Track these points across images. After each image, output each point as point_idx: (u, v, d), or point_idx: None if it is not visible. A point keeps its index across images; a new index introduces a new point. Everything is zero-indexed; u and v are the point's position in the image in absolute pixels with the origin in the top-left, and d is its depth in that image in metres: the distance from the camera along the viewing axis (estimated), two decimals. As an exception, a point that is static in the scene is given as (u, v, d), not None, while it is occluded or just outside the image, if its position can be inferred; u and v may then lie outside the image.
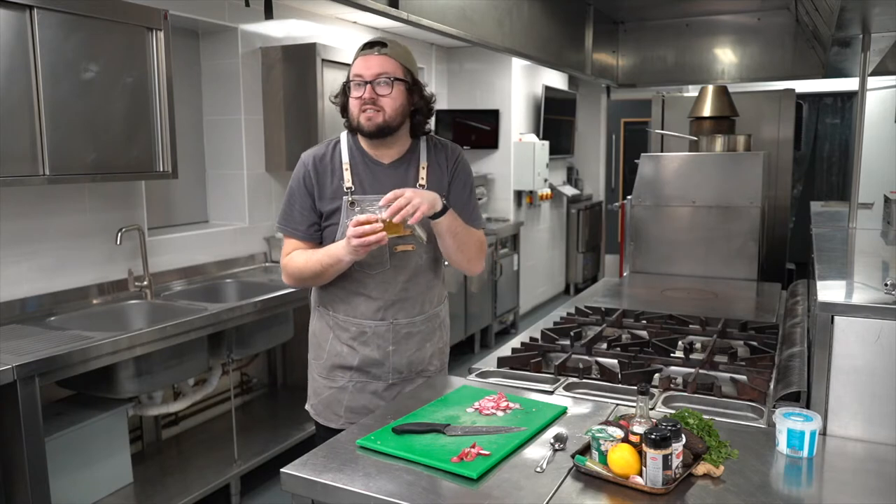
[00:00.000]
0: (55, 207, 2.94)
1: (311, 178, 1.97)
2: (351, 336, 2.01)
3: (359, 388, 2.03)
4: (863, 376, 1.63)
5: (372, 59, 1.87)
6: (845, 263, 2.45)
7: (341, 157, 1.98)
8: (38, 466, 2.25)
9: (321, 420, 2.10)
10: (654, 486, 1.35)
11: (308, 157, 2.00)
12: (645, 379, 2.00)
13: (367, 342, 2.00)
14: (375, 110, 1.86)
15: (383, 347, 2.00)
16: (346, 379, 2.04)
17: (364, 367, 2.02)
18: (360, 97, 1.87)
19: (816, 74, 4.22)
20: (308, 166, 1.98)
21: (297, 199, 1.99)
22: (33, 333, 2.52)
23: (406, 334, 2.02)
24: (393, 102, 1.88)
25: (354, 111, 1.90)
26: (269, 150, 4.02)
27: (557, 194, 7.28)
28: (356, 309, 2.00)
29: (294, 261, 1.98)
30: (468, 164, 2.09)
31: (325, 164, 1.98)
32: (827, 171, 8.00)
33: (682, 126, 4.60)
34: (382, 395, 2.03)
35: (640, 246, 3.88)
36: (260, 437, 3.50)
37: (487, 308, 5.66)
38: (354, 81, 1.88)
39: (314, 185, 1.97)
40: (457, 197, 2.02)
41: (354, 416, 2.00)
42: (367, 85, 1.86)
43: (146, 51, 2.88)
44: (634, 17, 4.62)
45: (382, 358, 2.01)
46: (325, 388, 2.07)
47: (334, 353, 2.04)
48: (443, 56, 6.08)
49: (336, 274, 1.93)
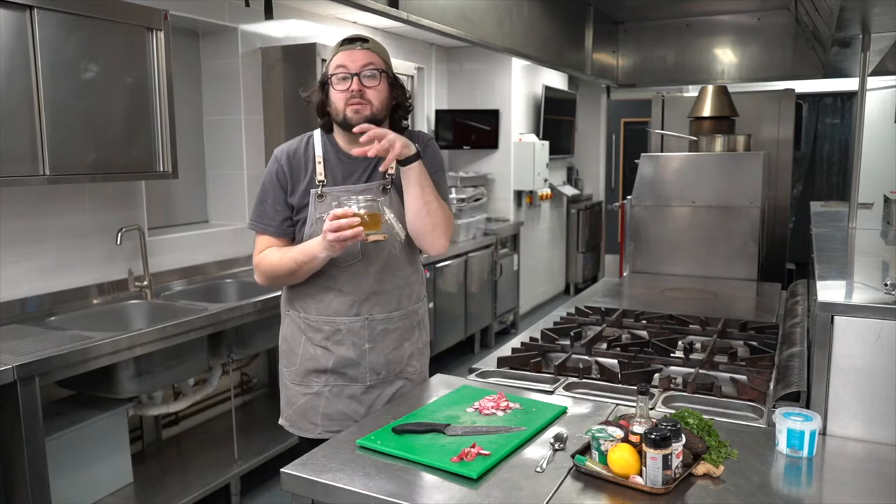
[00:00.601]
0: (55, 207, 2.94)
1: (283, 173, 1.95)
2: (324, 336, 1.96)
3: (335, 393, 1.97)
4: (863, 376, 1.63)
5: (356, 52, 1.86)
6: (845, 263, 2.45)
7: (314, 152, 1.96)
8: (38, 466, 2.25)
9: (296, 431, 2.04)
10: (654, 486, 1.35)
11: (281, 152, 1.99)
12: (645, 379, 2.00)
13: (342, 341, 1.94)
14: (362, 103, 1.85)
15: (359, 346, 1.94)
16: (321, 384, 1.98)
17: (339, 369, 1.96)
18: (346, 90, 1.85)
19: (816, 74, 4.23)
20: (281, 161, 1.97)
21: (270, 193, 1.96)
22: (33, 333, 2.52)
23: (382, 331, 1.96)
24: (379, 95, 1.87)
25: (339, 104, 1.87)
26: (269, 150, 3.99)
27: (557, 194, 7.28)
28: (328, 306, 1.94)
29: (267, 258, 1.94)
30: (439, 152, 2.06)
31: (297, 158, 1.97)
32: (827, 171, 8.00)
33: (682, 126, 4.60)
34: (361, 399, 1.97)
35: (640, 246, 3.88)
36: (260, 437, 3.50)
37: (487, 308, 5.66)
38: (338, 74, 1.86)
39: (287, 180, 1.95)
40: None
41: (331, 424, 1.96)
42: (353, 77, 1.84)
43: (146, 51, 2.88)
44: (634, 17, 4.62)
45: (358, 357, 1.95)
46: (299, 396, 2.02)
47: (307, 357, 1.98)
48: (443, 56, 6.09)
49: (310, 272, 1.89)
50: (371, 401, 1.98)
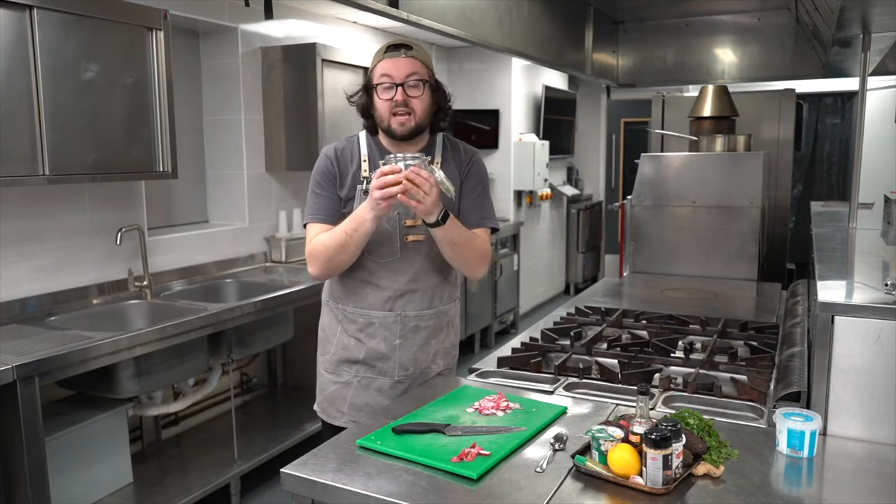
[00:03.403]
0: (55, 207, 2.94)
1: (333, 167, 2.00)
2: (358, 328, 2.02)
3: (364, 385, 2.04)
4: (863, 376, 1.63)
5: (400, 61, 1.89)
6: (845, 263, 2.45)
7: (360, 151, 2.02)
8: (38, 466, 2.25)
9: (325, 417, 2.11)
10: (654, 486, 1.35)
11: (329, 149, 2.04)
12: (645, 379, 2.00)
13: (374, 334, 2.01)
14: (407, 113, 1.89)
15: (390, 340, 2.01)
16: (351, 374, 2.04)
17: (370, 361, 2.02)
18: (390, 99, 1.89)
19: (816, 74, 4.22)
20: (330, 156, 2.02)
21: (324, 186, 2.00)
22: (33, 333, 2.52)
23: (413, 328, 2.02)
24: (422, 104, 1.92)
25: (384, 114, 1.92)
26: (269, 150, 4.02)
27: (557, 194, 7.28)
28: (364, 299, 2.01)
29: (319, 241, 1.95)
30: (483, 164, 2.13)
31: (345, 155, 2.02)
32: (827, 171, 8.00)
33: (682, 126, 4.60)
34: (387, 394, 2.03)
35: (640, 246, 3.88)
36: (260, 437, 3.50)
37: (487, 308, 5.66)
38: (383, 84, 1.90)
39: (336, 174, 2.00)
40: (469, 195, 2.05)
41: (357, 414, 2.01)
42: (397, 88, 1.88)
43: (146, 51, 2.88)
44: (634, 17, 4.61)
45: (389, 352, 2.01)
46: (330, 384, 2.09)
47: (341, 347, 2.05)
48: (443, 56, 6.08)
49: (360, 243, 1.89)
50: (397, 395, 2.03)
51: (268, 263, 4.03)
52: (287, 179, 4.18)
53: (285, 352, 4.19)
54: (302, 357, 4.08)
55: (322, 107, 3.82)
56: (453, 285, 2.13)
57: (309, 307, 3.43)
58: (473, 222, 2.02)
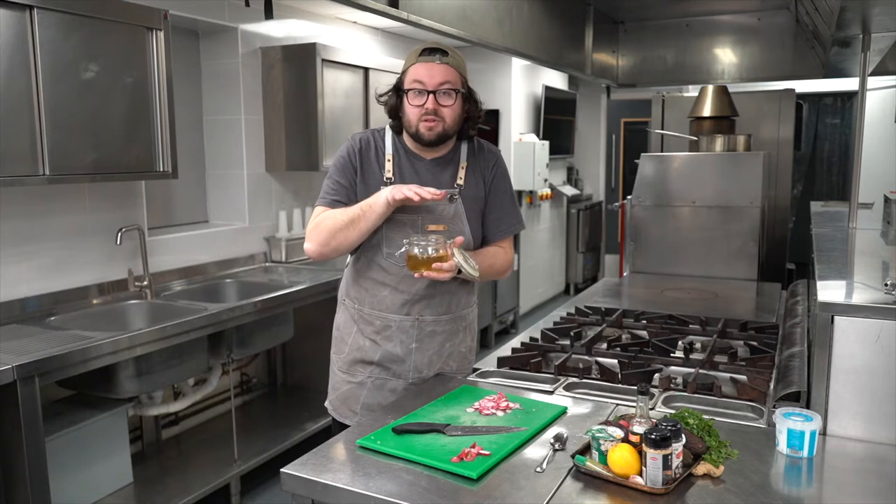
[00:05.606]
0: (55, 207, 2.94)
1: (356, 156, 1.99)
2: (375, 330, 2.02)
3: (378, 386, 2.03)
4: (863, 376, 1.63)
5: (434, 67, 1.88)
6: (845, 263, 2.45)
7: (385, 148, 2.01)
8: (38, 466, 2.25)
9: (337, 416, 2.11)
10: (654, 486, 1.35)
11: (355, 138, 2.03)
12: (645, 379, 2.00)
13: (391, 337, 2.00)
14: (436, 120, 1.89)
15: (406, 344, 2.00)
16: (365, 374, 2.04)
17: (385, 363, 2.02)
18: (421, 105, 1.88)
19: (816, 74, 4.22)
20: (356, 145, 2.01)
21: (345, 171, 1.99)
22: (33, 333, 2.52)
23: (430, 332, 2.02)
24: (453, 113, 1.91)
25: (413, 119, 1.91)
26: (269, 150, 4.02)
27: (557, 194, 7.28)
28: (382, 302, 2.00)
29: (326, 216, 1.93)
30: (505, 166, 2.12)
31: (370, 148, 2.01)
32: (827, 171, 8.00)
33: (682, 126, 4.61)
34: (400, 395, 2.02)
35: (640, 246, 3.88)
36: (260, 437, 3.50)
37: (487, 308, 5.66)
38: (414, 89, 1.89)
39: (359, 162, 1.99)
40: (495, 200, 2.05)
41: (369, 415, 1.99)
42: (429, 95, 1.87)
43: (146, 51, 2.88)
44: (634, 17, 4.62)
45: (404, 355, 2.01)
46: (343, 383, 2.08)
47: (356, 347, 2.05)
48: (443, 56, 6.07)
49: (369, 224, 1.88)
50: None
51: (268, 263, 4.03)
52: (287, 179, 4.18)
53: (285, 352, 4.19)
54: (302, 357, 4.08)
55: (322, 107, 3.83)
56: (470, 290, 2.12)
57: (309, 307, 3.43)
58: (504, 230, 2.05)
